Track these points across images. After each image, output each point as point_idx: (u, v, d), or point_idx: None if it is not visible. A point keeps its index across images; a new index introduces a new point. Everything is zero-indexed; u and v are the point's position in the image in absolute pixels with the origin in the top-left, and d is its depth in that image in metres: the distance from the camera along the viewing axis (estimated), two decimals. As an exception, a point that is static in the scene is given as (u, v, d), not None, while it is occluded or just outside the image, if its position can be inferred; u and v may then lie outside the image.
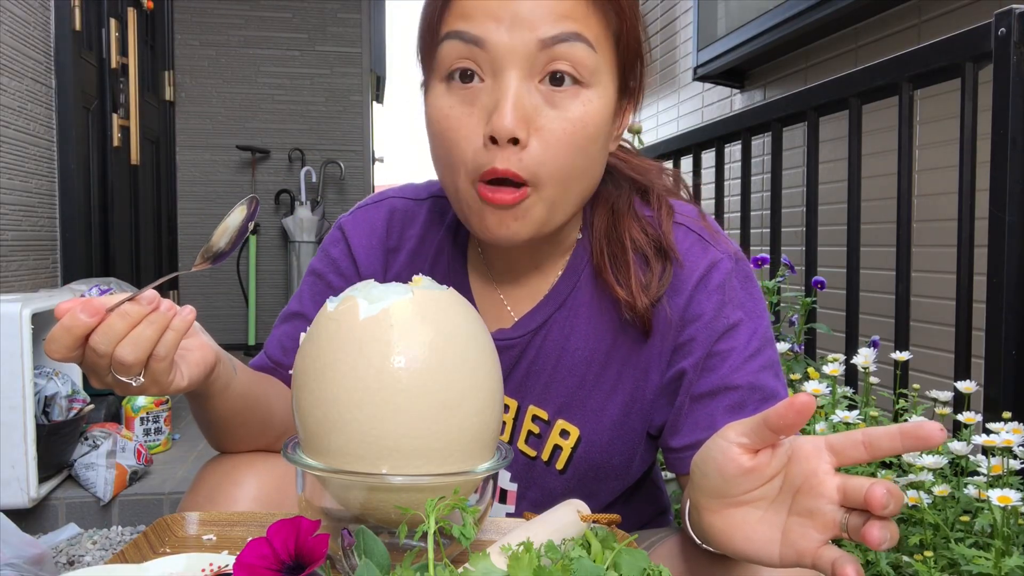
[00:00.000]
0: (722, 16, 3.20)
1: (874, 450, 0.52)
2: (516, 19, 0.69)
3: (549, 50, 0.69)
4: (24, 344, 2.07)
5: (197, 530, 0.75)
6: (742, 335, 0.79)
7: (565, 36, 0.69)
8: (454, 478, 0.60)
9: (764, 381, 0.79)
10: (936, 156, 2.15)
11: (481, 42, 0.70)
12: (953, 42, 1.40)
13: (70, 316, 0.61)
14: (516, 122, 0.69)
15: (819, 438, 0.55)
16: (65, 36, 3.17)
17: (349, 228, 0.92)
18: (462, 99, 0.72)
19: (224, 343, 5.19)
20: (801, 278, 1.91)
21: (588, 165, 0.75)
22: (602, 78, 0.73)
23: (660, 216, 0.82)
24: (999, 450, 1.06)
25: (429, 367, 0.59)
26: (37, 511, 2.24)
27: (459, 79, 0.72)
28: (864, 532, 0.50)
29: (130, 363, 0.63)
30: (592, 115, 0.72)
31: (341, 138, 5.43)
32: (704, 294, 0.80)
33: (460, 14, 0.71)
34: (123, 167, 3.97)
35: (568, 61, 0.70)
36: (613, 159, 0.87)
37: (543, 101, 0.71)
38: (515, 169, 0.71)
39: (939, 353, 1.99)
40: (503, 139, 0.69)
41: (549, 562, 0.55)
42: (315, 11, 5.35)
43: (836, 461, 0.53)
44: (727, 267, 0.81)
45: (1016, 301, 1.25)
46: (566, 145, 0.72)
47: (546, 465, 0.87)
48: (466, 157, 0.72)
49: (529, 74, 0.70)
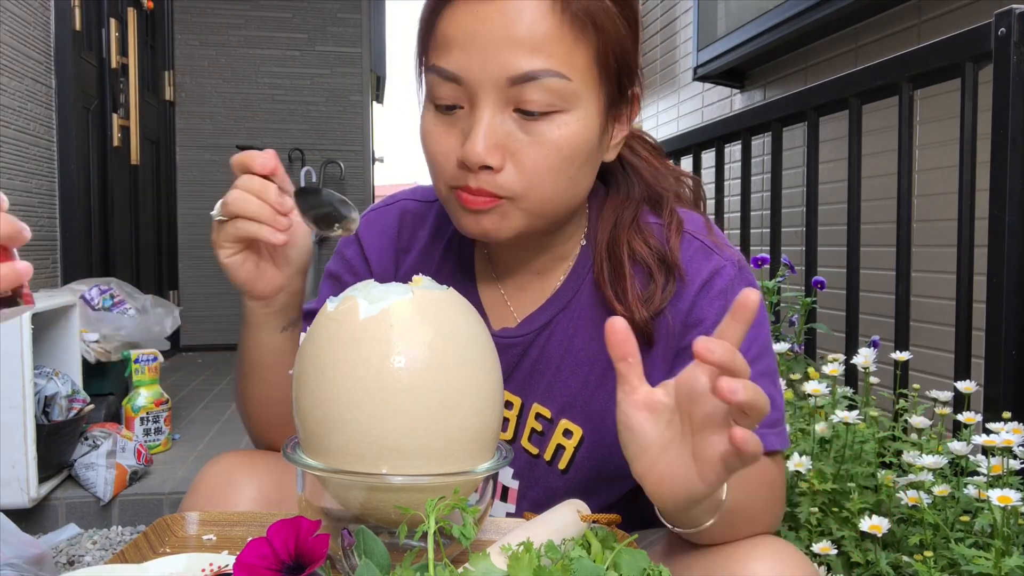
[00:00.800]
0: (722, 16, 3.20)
1: (726, 340, 0.55)
2: (486, 53, 0.70)
3: (518, 87, 0.70)
4: (24, 344, 2.07)
5: (197, 530, 0.75)
6: (744, 343, 0.79)
7: (533, 74, 0.70)
8: (454, 478, 0.60)
9: (763, 390, 0.78)
10: (936, 156, 2.15)
11: (457, 78, 0.72)
12: (953, 42, 1.40)
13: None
14: (487, 150, 0.71)
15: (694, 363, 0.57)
16: (65, 36, 3.18)
17: (361, 230, 0.94)
18: (444, 123, 0.75)
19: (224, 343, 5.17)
20: (801, 278, 1.91)
21: (568, 184, 0.75)
22: (581, 101, 0.73)
23: (669, 229, 0.83)
24: (999, 450, 1.06)
25: (429, 367, 0.59)
26: (37, 511, 2.24)
27: (445, 109, 0.75)
28: (729, 433, 0.53)
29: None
30: (568, 138, 0.72)
31: (341, 138, 5.44)
32: (706, 300, 0.80)
33: (441, 44, 0.73)
34: (123, 167, 3.97)
35: (538, 96, 0.70)
36: (633, 158, 0.88)
37: (517, 128, 0.72)
38: (489, 188, 0.73)
39: (939, 353, 1.99)
40: (474, 167, 0.72)
41: (549, 562, 0.55)
42: (315, 11, 5.35)
43: (712, 370, 0.55)
44: (730, 274, 0.81)
45: (1016, 301, 1.25)
46: (542, 169, 0.73)
47: (548, 464, 0.87)
48: (446, 173, 0.75)
49: (504, 104, 0.72)
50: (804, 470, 1.16)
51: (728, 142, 2.32)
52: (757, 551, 0.68)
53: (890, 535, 1.12)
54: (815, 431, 1.25)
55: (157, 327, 2.83)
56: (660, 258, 0.81)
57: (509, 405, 0.86)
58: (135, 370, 2.63)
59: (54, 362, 2.41)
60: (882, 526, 1.04)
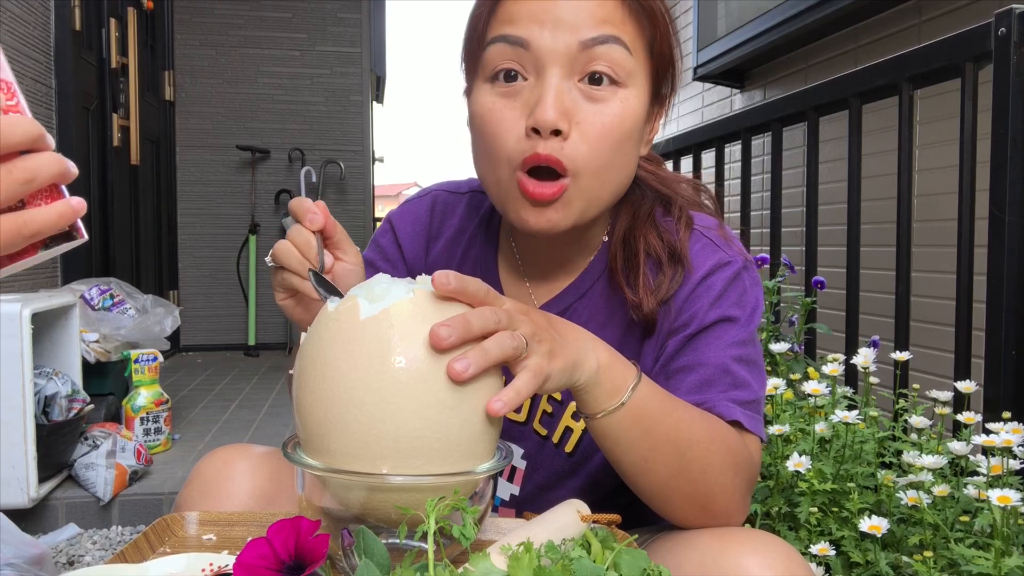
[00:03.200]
0: (722, 16, 3.20)
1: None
2: (558, 22, 0.74)
3: (588, 51, 0.74)
4: (24, 344, 2.07)
5: (197, 530, 0.75)
6: (731, 331, 0.82)
7: (604, 39, 0.74)
8: (454, 478, 0.60)
9: (737, 371, 0.81)
10: (936, 156, 2.15)
11: (525, 43, 0.75)
12: (953, 42, 1.40)
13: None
14: (558, 115, 0.73)
15: None
16: (65, 36, 3.17)
17: (396, 219, 1.00)
18: (505, 94, 0.77)
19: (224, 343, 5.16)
20: (801, 278, 1.91)
21: (623, 161, 0.79)
22: (637, 80, 0.78)
23: (679, 226, 0.87)
24: (999, 450, 1.06)
25: (429, 367, 0.59)
26: (37, 511, 2.24)
27: (503, 79, 0.77)
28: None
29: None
30: (628, 112, 0.77)
31: (341, 138, 5.43)
32: (704, 287, 0.84)
33: (505, 19, 0.76)
34: (123, 167, 3.97)
35: (606, 62, 0.75)
36: (640, 170, 0.92)
37: (583, 98, 0.76)
38: (557, 155, 0.75)
39: (939, 353, 1.99)
40: (546, 130, 0.74)
41: (549, 562, 0.55)
42: (315, 11, 5.35)
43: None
44: (734, 268, 0.85)
45: (1016, 301, 1.25)
46: (604, 139, 0.76)
47: (555, 447, 0.90)
48: (508, 146, 0.76)
49: (570, 73, 0.75)
50: (804, 470, 1.16)
51: (728, 142, 2.32)
52: (748, 546, 0.69)
53: (890, 535, 1.12)
54: (815, 431, 1.25)
55: (157, 327, 2.83)
56: (671, 251, 0.85)
57: None
58: (135, 370, 2.63)
59: (54, 362, 2.41)
60: (882, 526, 1.04)
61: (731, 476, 0.76)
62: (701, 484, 0.74)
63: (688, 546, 0.72)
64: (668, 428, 0.72)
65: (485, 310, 0.61)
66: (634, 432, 0.71)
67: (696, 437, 0.74)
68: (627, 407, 0.70)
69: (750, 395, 0.80)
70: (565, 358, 0.65)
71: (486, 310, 0.61)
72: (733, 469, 0.76)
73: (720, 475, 0.75)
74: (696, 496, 0.74)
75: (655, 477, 0.73)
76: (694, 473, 0.74)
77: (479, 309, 0.61)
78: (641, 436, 0.71)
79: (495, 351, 0.59)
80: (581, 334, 0.70)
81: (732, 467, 0.76)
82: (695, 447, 0.74)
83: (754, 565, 0.66)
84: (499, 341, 0.60)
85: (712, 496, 0.75)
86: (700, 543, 0.72)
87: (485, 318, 0.60)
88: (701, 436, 0.74)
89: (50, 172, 0.53)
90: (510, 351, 0.60)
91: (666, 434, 0.72)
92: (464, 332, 0.59)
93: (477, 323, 0.60)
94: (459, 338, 0.58)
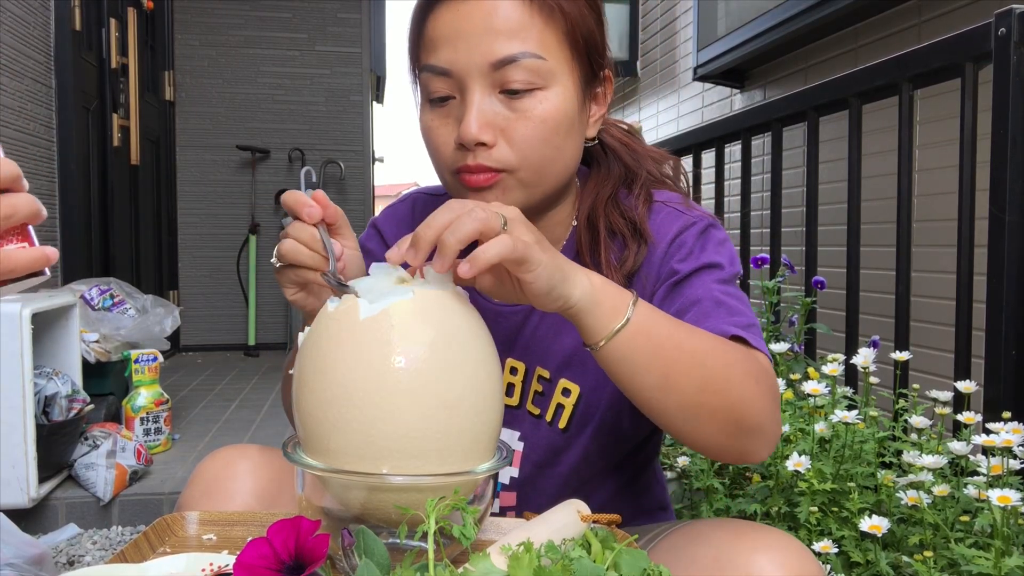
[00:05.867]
0: (722, 16, 3.20)
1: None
2: (469, 43, 0.80)
3: (501, 71, 0.79)
4: (24, 344, 2.07)
5: (197, 530, 0.75)
6: (715, 274, 0.85)
7: (512, 57, 0.79)
8: (454, 478, 0.60)
9: (731, 302, 0.83)
10: (936, 156, 2.15)
11: (447, 72, 0.81)
12: (953, 42, 1.40)
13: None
14: (479, 129, 0.80)
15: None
16: (65, 36, 3.17)
17: (381, 223, 1.04)
18: (440, 115, 0.84)
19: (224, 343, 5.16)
20: (801, 278, 1.91)
21: (556, 154, 0.83)
22: (558, 77, 0.82)
23: (638, 200, 0.91)
24: (999, 450, 1.06)
25: (429, 367, 0.59)
26: (37, 511, 2.24)
27: (439, 102, 0.84)
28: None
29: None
30: (551, 111, 0.81)
31: (341, 138, 5.43)
32: (676, 246, 0.88)
33: (429, 46, 0.83)
34: (123, 167, 3.97)
35: (519, 77, 0.79)
36: (611, 140, 0.96)
37: (504, 108, 0.81)
38: (487, 163, 0.81)
39: (939, 353, 1.99)
40: (470, 144, 0.80)
41: (549, 562, 0.55)
42: (315, 11, 5.35)
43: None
44: (701, 225, 0.88)
45: (1016, 301, 1.25)
46: (530, 140, 0.81)
47: (549, 424, 0.91)
48: (446, 159, 0.84)
49: (490, 88, 0.80)
50: (804, 470, 1.16)
51: (728, 142, 2.32)
52: (761, 544, 0.68)
53: (890, 535, 1.12)
54: (815, 431, 1.25)
55: (157, 327, 2.83)
56: (633, 227, 0.89)
57: (515, 371, 0.92)
58: (135, 370, 2.63)
59: (54, 362, 2.41)
60: (882, 526, 1.04)
61: (754, 384, 0.75)
62: (728, 395, 0.73)
63: (701, 542, 0.72)
64: (681, 341, 0.72)
65: (460, 216, 0.64)
66: (647, 349, 0.71)
67: (710, 348, 0.74)
68: (633, 323, 0.70)
69: (747, 320, 0.82)
70: (553, 259, 0.67)
71: (462, 216, 0.64)
72: (753, 378, 0.75)
73: (743, 384, 0.74)
74: (727, 410, 0.73)
75: (681, 395, 0.72)
76: (719, 383, 0.73)
77: (450, 216, 0.65)
78: (655, 353, 0.71)
79: (467, 230, 0.63)
80: (569, 260, 0.73)
81: (752, 376, 0.75)
82: (711, 357, 0.73)
83: (767, 563, 0.66)
84: (471, 217, 0.63)
85: (743, 407, 0.73)
86: (714, 539, 0.71)
87: (453, 208, 0.64)
88: (714, 348, 0.74)
89: (26, 211, 0.59)
90: (480, 223, 0.63)
91: (680, 346, 0.72)
92: (427, 244, 0.63)
93: (436, 221, 0.64)
94: (423, 248, 0.63)
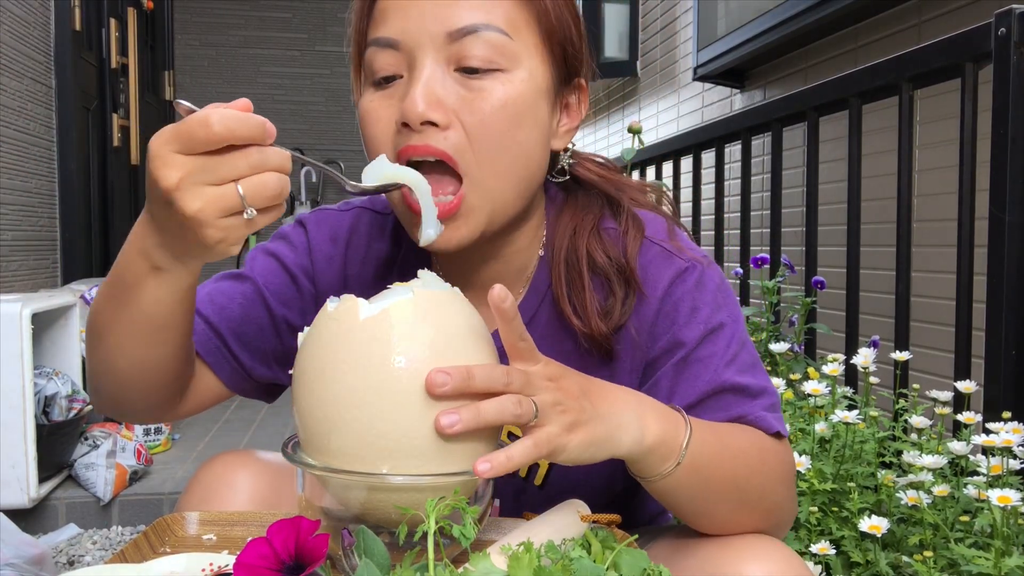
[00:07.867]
0: (722, 16, 3.20)
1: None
2: (423, 13, 0.69)
3: (459, 43, 0.69)
4: (24, 344, 2.07)
5: (197, 530, 0.75)
6: (721, 340, 0.77)
7: (473, 27, 0.69)
8: (454, 478, 0.60)
9: (749, 382, 0.77)
10: (936, 156, 2.15)
11: (395, 43, 0.71)
12: (953, 42, 1.40)
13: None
14: (428, 105, 0.68)
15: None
16: (65, 36, 3.18)
17: (312, 228, 0.90)
18: (382, 96, 0.73)
19: (224, 343, 5.17)
20: (801, 278, 1.91)
21: (517, 150, 0.72)
22: (524, 62, 0.72)
23: (626, 236, 0.79)
24: (999, 450, 1.06)
25: (429, 367, 0.59)
26: (37, 511, 2.24)
27: (383, 83, 0.73)
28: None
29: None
30: (512, 95, 0.71)
31: (341, 138, 5.44)
32: (670, 306, 0.77)
33: (378, 20, 0.73)
34: (123, 167, 3.97)
35: (479, 52, 0.69)
36: (590, 175, 0.85)
37: (461, 87, 0.70)
38: (439, 146, 0.69)
39: (939, 353, 1.99)
40: (415, 123, 0.69)
41: (549, 562, 0.55)
42: (315, 11, 5.35)
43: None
44: (696, 274, 0.78)
45: (1016, 301, 1.25)
46: (489, 126, 0.70)
47: (524, 481, 0.85)
48: (383, 145, 0.72)
49: (444, 62, 0.70)
50: (804, 470, 1.16)
51: (728, 142, 2.32)
52: (749, 553, 0.68)
53: (890, 535, 1.12)
54: (815, 431, 1.25)
55: (157, 327, 2.83)
56: (619, 269, 0.78)
57: None
58: (135, 370, 2.62)
59: (54, 362, 2.41)
60: (882, 526, 1.04)
61: (783, 489, 0.76)
62: (759, 507, 0.73)
63: (688, 553, 0.72)
64: (726, 469, 0.70)
65: (496, 368, 0.58)
66: (694, 482, 0.69)
67: (752, 465, 0.73)
68: (683, 464, 0.67)
69: (769, 399, 0.77)
70: (592, 432, 0.61)
71: (497, 368, 0.58)
72: (784, 483, 0.76)
73: (775, 493, 0.74)
74: (755, 518, 0.73)
75: (717, 517, 0.72)
76: (752, 500, 0.72)
77: (490, 366, 0.58)
78: (701, 485, 0.69)
79: (491, 414, 0.56)
80: (625, 404, 0.65)
81: (783, 482, 0.75)
82: (753, 477, 0.72)
83: (756, 572, 0.66)
84: (500, 404, 0.56)
85: (771, 512, 0.74)
86: (700, 550, 0.71)
87: (492, 377, 0.57)
88: (754, 462, 0.73)
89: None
90: (510, 417, 0.56)
91: (724, 475, 0.70)
92: (462, 384, 0.56)
93: (481, 379, 0.56)
94: (454, 389, 0.56)
